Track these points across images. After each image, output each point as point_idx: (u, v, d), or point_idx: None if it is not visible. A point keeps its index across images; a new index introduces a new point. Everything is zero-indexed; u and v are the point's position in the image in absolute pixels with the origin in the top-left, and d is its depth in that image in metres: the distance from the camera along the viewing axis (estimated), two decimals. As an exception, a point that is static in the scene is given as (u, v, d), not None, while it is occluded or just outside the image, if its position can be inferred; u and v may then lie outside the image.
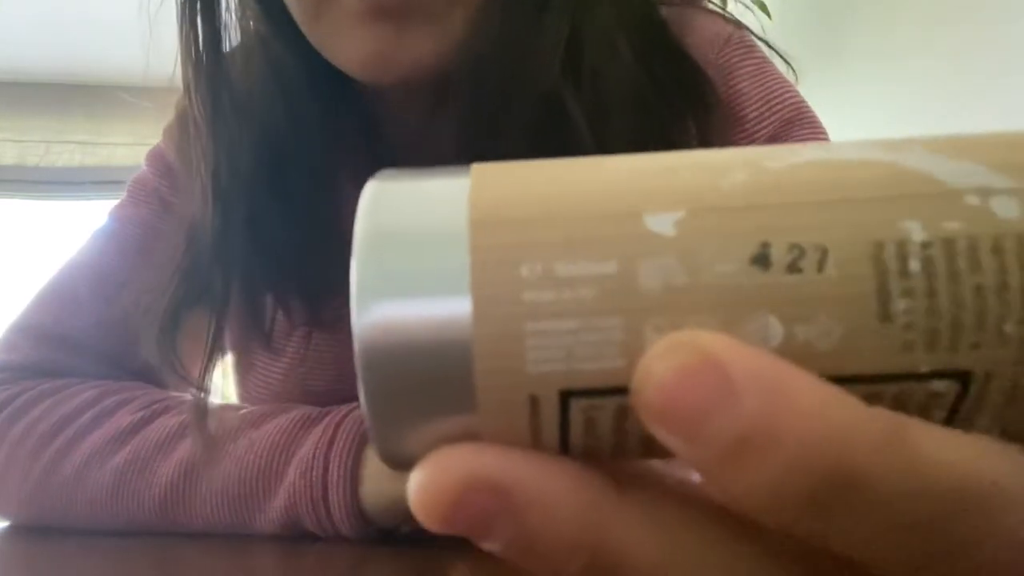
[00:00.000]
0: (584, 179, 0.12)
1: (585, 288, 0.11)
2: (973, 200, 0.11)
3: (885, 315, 0.11)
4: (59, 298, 0.53)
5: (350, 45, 0.39)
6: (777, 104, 0.47)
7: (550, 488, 0.11)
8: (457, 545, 0.38)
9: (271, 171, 0.47)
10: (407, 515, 0.40)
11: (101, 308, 0.52)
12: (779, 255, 0.11)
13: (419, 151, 0.50)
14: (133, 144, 2.58)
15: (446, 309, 0.11)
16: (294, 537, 0.42)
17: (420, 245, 0.12)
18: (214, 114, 0.45)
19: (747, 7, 1.56)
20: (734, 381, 0.10)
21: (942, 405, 0.12)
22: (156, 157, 0.56)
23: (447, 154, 0.42)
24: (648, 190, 0.12)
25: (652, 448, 0.12)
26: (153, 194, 0.55)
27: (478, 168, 0.13)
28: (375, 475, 0.40)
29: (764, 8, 1.68)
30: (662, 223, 0.11)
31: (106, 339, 0.52)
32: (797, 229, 0.11)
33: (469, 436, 0.12)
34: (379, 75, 0.40)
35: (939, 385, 0.11)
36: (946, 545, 0.11)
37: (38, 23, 2.33)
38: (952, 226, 0.11)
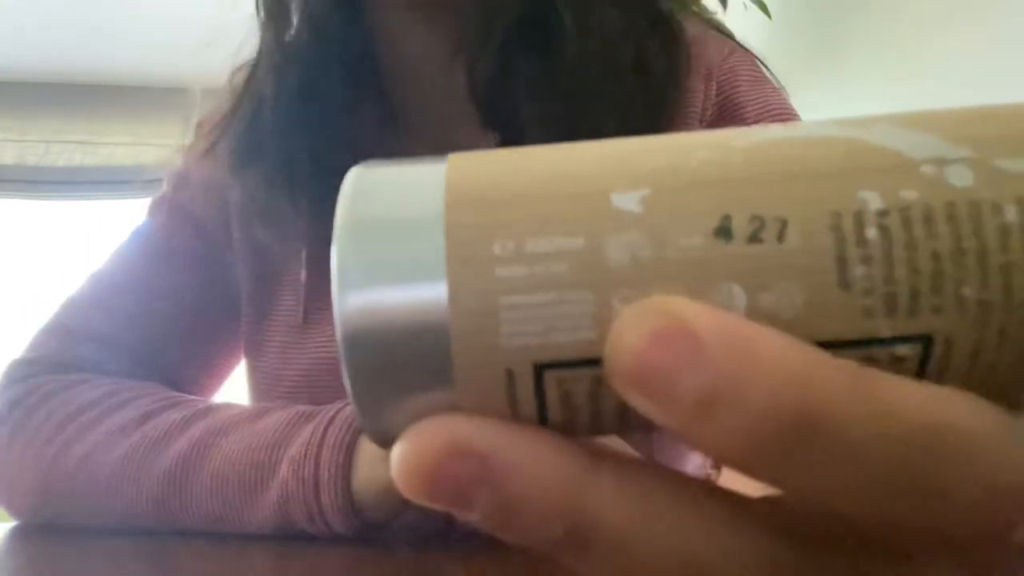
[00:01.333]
0: (555, 163, 0.13)
1: (556, 263, 0.12)
2: (928, 170, 0.12)
3: (844, 282, 0.11)
4: (86, 304, 0.55)
5: None
6: (775, 112, 0.51)
7: (528, 454, 0.12)
8: (451, 548, 0.38)
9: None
10: (399, 507, 0.40)
11: (128, 310, 0.55)
12: (740, 227, 0.12)
13: (440, 134, 0.54)
14: (133, 144, 2.58)
15: (424, 290, 0.12)
16: (289, 539, 0.42)
17: (399, 229, 0.12)
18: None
19: (742, 12, 1.57)
20: (701, 340, 0.10)
21: (906, 370, 0.12)
22: (174, 174, 0.59)
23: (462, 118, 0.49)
24: (615, 171, 0.12)
25: (627, 419, 0.12)
26: (175, 204, 0.58)
27: (454, 157, 0.13)
28: (366, 469, 0.40)
29: (764, 8, 1.68)
30: (628, 200, 0.12)
31: (132, 339, 0.54)
32: (758, 201, 0.12)
33: (450, 412, 0.12)
34: None
35: (902, 349, 0.12)
36: (919, 492, 0.11)
37: (38, 23, 2.34)
38: (908, 195, 0.11)
